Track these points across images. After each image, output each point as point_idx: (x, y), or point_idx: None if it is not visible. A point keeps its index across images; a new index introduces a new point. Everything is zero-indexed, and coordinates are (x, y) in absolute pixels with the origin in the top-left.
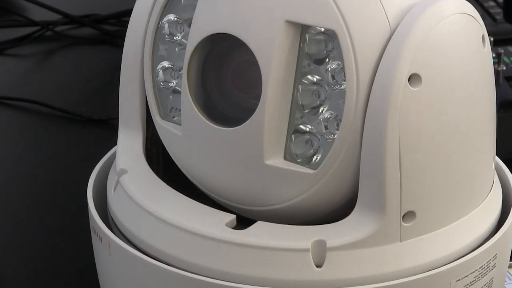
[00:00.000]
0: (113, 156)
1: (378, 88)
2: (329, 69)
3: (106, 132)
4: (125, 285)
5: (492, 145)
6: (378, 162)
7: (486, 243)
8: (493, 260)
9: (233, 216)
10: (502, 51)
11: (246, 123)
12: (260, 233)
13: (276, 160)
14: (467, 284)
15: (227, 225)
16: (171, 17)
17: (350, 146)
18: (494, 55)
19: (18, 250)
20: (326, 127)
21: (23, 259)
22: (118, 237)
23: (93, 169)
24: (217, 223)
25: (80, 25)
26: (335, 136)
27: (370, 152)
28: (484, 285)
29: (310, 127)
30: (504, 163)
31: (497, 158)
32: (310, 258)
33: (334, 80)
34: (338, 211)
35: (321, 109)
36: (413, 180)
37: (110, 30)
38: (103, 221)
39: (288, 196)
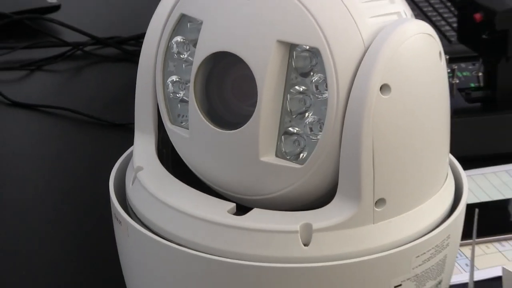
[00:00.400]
0: (130, 155)
1: (355, 96)
2: (313, 80)
3: (127, 134)
4: (141, 261)
5: (447, 143)
6: (355, 158)
7: (441, 226)
8: (446, 240)
9: (233, 204)
10: (456, 67)
11: (244, 126)
12: (256, 218)
13: (269, 157)
14: (425, 260)
15: (228, 212)
16: (179, 38)
17: (332, 145)
18: (449, 70)
19: (55, 231)
20: (311, 129)
21: (60, 238)
22: (136, 222)
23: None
24: (220, 210)
25: (105, 46)
26: (319, 136)
27: (348, 150)
28: (439, 260)
29: (297, 129)
30: (457, 159)
31: (450, 155)
32: (298, 238)
33: (318, 90)
34: (322, 199)
35: (306, 114)
36: (384, 173)
37: (130, 50)
38: (122, 208)
39: (280, 187)
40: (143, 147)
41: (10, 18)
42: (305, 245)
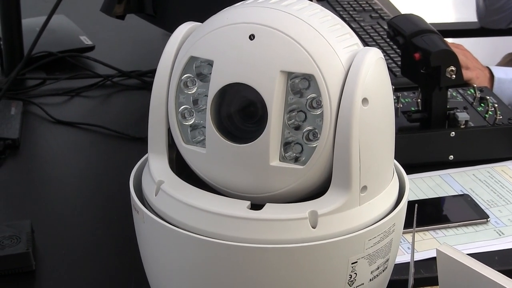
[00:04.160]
0: (145, 161)
1: (344, 109)
2: (307, 99)
3: (143, 146)
4: (154, 245)
5: (394, 146)
6: (347, 156)
7: (388, 216)
8: (392, 227)
9: (249, 202)
10: (400, 94)
11: (258, 139)
12: (272, 210)
13: (276, 162)
14: (376, 242)
15: (247, 208)
16: (187, 75)
17: (326, 149)
18: (394, 97)
19: (87, 220)
20: (307, 138)
21: (92, 226)
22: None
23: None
24: (240, 207)
25: (129, 77)
26: (315, 143)
27: (341, 150)
28: (387, 243)
29: (295, 138)
30: (401, 166)
31: (396, 162)
32: (308, 223)
33: (312, 107)
34: (316, 190)
35: (302, 126)
36: (365, 165)
37: (148, 80)
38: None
39: (286, 184)
40: (158, 165)
41: (56, 56)
42: (313, 227)
